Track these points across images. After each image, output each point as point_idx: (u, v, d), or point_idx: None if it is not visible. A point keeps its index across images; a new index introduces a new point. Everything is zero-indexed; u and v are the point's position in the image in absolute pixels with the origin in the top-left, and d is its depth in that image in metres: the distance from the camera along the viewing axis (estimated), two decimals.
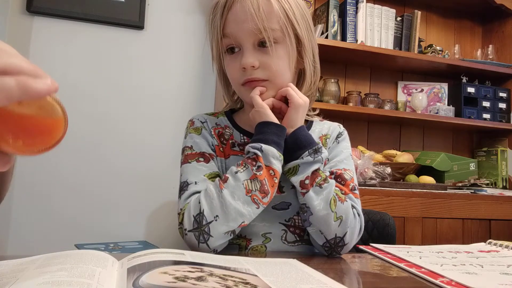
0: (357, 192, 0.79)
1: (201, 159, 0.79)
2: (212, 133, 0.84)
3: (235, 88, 0.83)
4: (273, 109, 0.78)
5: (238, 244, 0.79)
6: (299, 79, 0.85)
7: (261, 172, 0.71)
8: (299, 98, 0.77)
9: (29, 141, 0.42)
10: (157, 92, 1.99)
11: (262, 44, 0.76)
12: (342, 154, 0.84)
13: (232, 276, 0.49)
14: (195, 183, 0.75)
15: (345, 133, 0.89)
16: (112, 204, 1.89)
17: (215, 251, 0.71)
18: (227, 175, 0.72)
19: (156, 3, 2.00)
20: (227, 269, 0.52)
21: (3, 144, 0.40)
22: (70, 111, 0.42)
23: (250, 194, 0.70)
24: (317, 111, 0.92)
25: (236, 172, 0.71)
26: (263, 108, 0.76)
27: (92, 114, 1.89)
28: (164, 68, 2.01)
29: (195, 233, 0.70)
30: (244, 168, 0.71)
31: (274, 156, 0.73)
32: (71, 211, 1.83)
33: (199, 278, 0.46)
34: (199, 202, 0.70)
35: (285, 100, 0.79)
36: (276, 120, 0.76)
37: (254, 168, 0.71)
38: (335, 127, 0.89)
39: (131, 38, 1.96)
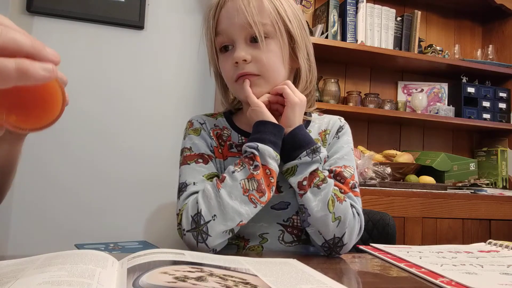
0: (357, 190, 0.78)
1: (200, 160, 0.79)
2: (211, 134, 0.84)
3: (229, 87, 0.83)
4: (270, 106, 0.78)
5: (237, 244, 0.79)
6: (296, 78, 0.85)
7: (258, 171, 0.71)
8: (295, 96, 0.77)
9: (22, 117, 0.40)
10: (157, 92, 1.99)
11: (254, 40, 0.76)
12: (343, 150, 0.82)
13: (232, 276, 0.48)
14: (194, 184, 0.75)
15: (346, 127, 0.87)
16: (112, 204, 1.89)
17: (214, 251, 0.71)
18: (224, 174, 0.72)
19: (156, 3, 2.00)
20: (227, 269, 0.52)
21: None
22: (69, 111, 0.42)
23: (248, 194, 0.70)
24: (315, 106, 0.90)
25: (233, 172, 0.71)
26: (260, 106, 0.76)
27: (92, 114, 1.88)
28: (164, 68, 2.01)
29: (193, 233, 0.70)
30: (241, 168, 0.71)
31: (270, 156, 0.72)
32: (71, 211, 1.83)
33: (199, 278, 0.46)
34: (197, 202, 0.70)
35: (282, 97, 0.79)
36: (273, 119, 0.76)
37: (251, 167, 0.71)
38: (335, 121, 0.88)
39: (131, 38, 1.96)
